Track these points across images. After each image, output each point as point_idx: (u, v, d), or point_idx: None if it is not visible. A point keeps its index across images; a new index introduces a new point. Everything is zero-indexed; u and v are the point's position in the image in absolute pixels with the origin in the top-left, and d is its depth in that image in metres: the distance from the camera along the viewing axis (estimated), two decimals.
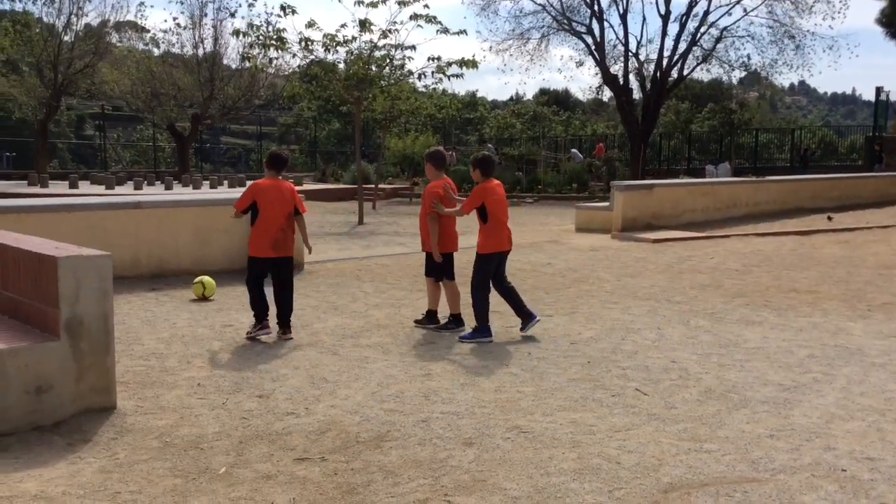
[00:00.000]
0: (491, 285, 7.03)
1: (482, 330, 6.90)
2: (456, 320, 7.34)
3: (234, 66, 32.64)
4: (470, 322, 7.11)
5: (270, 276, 7.02)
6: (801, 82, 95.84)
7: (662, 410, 5.05)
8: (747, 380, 5.72)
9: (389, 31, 17.58)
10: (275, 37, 17.59)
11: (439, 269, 7.27)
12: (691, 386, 5.58)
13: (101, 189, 23.25)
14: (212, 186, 26.97)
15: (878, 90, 30.77)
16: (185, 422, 4.81)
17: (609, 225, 15.61)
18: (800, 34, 30.73)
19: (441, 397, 5.29)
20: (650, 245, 13.85)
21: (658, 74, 31.34)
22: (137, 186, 24.69)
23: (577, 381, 5.70)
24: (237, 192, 9.03)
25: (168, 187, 25.31)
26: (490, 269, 6.97)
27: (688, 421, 4.85)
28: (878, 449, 4.39)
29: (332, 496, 3.79)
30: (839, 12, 29.95)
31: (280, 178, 7.08)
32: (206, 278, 8.86)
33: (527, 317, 7.08)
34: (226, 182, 28.56)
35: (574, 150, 36.92)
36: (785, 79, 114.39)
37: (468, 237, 8.26)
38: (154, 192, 22.25)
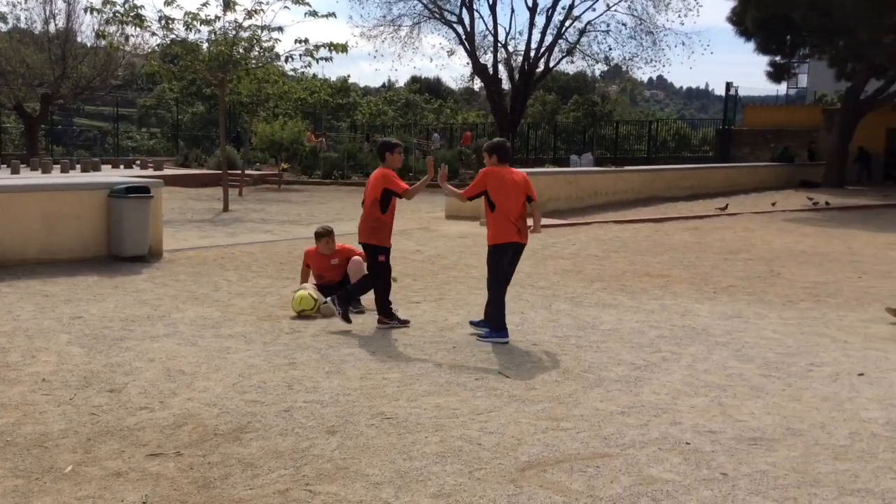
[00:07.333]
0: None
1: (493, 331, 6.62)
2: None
3: (89, 44, 30.83)
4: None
5: None
6: (659, 77, 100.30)
7: (523, 392, 5.19)
8: (602, 360, 5.97)
9: (255, 11, 17.07)
10: (132, 14, 16.68)
11: None
12: (550, 367, 5.76)
13: None
14: (63, 171, 25.42)
15: (728, 85, 32.69)
16: (28, 419, 4.52)
17: (478, 212, 15.81)
18: (656, 30, 32.28)
19: (305, 386, 5.22)
20: None
21: (526, 66, 32.07)
22: None
23: (442, 366, 5.76)
24: (90, 177, 8.56)
25: (15, 171, 23.67)
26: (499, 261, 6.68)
27: (546, 401, 5.01)
28: (720, 422, 4.68)
29: (186, 491, 3.67)
30: (693, 10, 31.69)
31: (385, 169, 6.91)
32: (302, 294, 7.37)
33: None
34: (78, 166, 26.95)
35: (436, 135, 37.25)
36: (644, 73, 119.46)
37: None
38: None
